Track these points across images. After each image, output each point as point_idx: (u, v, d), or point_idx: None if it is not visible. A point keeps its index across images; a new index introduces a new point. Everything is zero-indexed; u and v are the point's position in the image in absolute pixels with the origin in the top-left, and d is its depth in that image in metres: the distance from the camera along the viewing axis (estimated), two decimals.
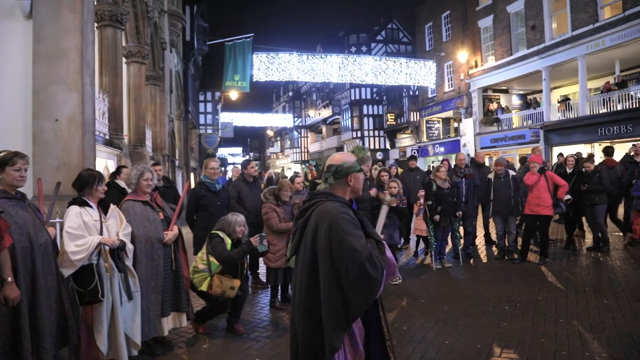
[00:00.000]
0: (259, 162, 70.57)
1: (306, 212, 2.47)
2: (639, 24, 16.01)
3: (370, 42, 36.23)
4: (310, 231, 2.38)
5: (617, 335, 4.45)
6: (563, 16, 19.70)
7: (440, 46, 27.46)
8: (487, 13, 23.91)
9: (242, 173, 7.04)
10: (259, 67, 21.23)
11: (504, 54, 22.95)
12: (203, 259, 4.76)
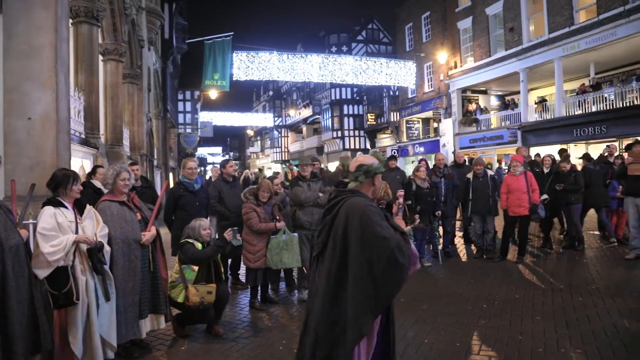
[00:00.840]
0: (239, 161, 70.18)
1: (334, 208, 2.61)
2: (612, 28, 16.37)
3: (351, 42, 36.32)
4: (340, 225, 2.51)
5: (591, 331, 4.54)
6: (540, 19, 20.04)
7: (420, 47, 27.67)
8: (466, 15, 24.19)
9: (222, 173, 6.98)
10: (239, 66, 21.10)
11: (482, 55, 23.24)
12: (176, 270, 4.70)
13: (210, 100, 29.16)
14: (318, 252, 2.67)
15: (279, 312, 5.63)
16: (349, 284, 2.43)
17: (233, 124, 47.09)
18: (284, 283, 6.84)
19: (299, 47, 39.69)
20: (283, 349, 4.43)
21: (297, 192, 5.98)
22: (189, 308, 4.55)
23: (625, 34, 16.02)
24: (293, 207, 6.08)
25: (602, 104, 17.65)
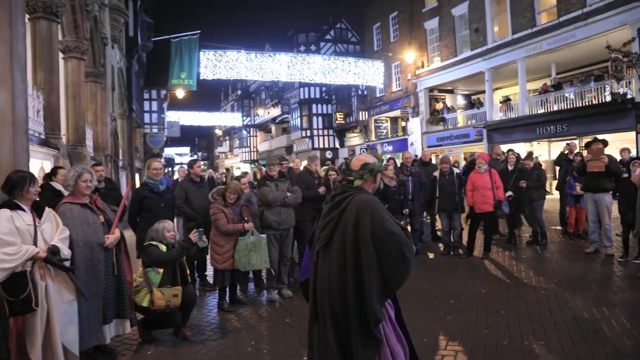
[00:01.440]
0: (208, 161, 69.35)
1: (341, 204, 2.74)
2: (572, 30, 16.92)
3: (319, 41, 36.39)
4: (350, 220, 2.64)
5: (552, 323, 4.68)
6: (504, 20, 20.52)
7: (388, 46, 27.93)
8: (433, 15, 24.55)
9: (189, 173, 6.87)
10: (206, 65, 20.85)
11: (449, 55, 23.63)
12: (140, 274, 4.59)
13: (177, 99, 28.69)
14: (322, 245, 2.77)
15: (248, 313, 5.58)
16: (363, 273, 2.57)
17: (201, 123, 46.48)
18: (253, 284, 6.79)
19: (267, 46, 39.52)
20: (252, 349, 4.40)
21: (264, 192, 5.94)
22: (155, 312, 4.45)
23: (584, 36, 16.59)
24: (261, 207, 6.03)
25: (563, 103, 18.23)
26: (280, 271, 6.14)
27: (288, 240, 6.20)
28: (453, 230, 8.34)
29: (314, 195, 6.70)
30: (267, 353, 4.32)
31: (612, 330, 4.44)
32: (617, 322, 4.65)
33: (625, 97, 15.15)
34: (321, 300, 2.76)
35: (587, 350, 4.00)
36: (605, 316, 4.83)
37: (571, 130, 17.46)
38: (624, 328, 4.48)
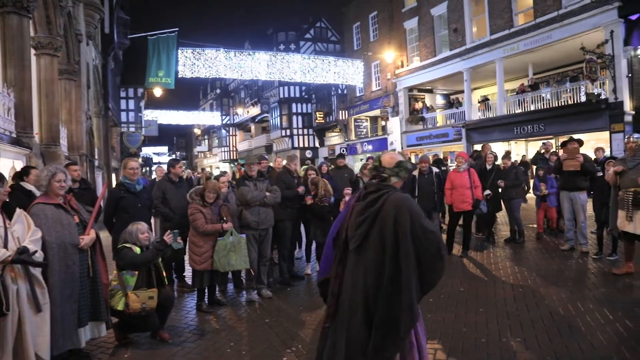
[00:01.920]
0: (186, 161, 68.66)
1: (377, 202, 2.73)
2: (548, 31, 17.23)
3: (299, 40, 36.33)
4: (389, 217, 2.64)
5: (530, 320, 4.74)
6: (482, 21, 20.78)
7: (368, 46, 28.02)
8: (412, 15, 24.71)
9: (169, 172, 6.77)
10: (185, 63, 20.60)
11: (428, 55, 23.82)
12: (115, 277, 4.50)
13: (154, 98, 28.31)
14: (358, 244, 2.73)
15: (227, 314, 5.52)
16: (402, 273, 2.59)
17: (179, 122, 45.95)
18: (232, 284, 6.73)
19: (247, 44, 39.28)
20: (231, 351, 4.35)
21: (243, 192, 5.88)
22: (131, 315, 4.36)
23: (560, 37, 16.91)
24: (240, 207, 5.98)
25: (540, 104, 18.55)
26: (260, 271, 6.10)
27: (267, 240, 6.16)
28: None
29: (293, 195, 6.68)
30: (246, 354, 4.28)
31: (586, 326, 4.52)
32: (591, 317, 4.73)
33: (600, 97, 15.48)
34: (350, 299, 2.73)
35: (562, 346, 4.06)
36: (580, 312, 4.92)
37: (548, 129, 17.77)
38: (598, 323, 4.56)
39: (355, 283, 2.72)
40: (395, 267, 2.61)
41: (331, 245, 3.04)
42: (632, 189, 6.00)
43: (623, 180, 6.17)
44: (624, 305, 5.06)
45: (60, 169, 4.06)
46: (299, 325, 4.98)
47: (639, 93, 15.66)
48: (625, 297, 5.39)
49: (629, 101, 15.36)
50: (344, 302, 2.75)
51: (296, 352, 4.25)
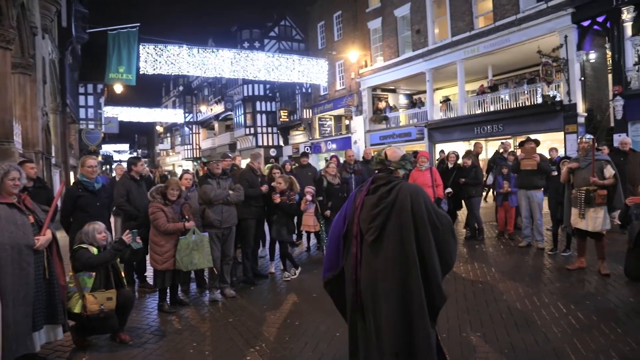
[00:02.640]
0: (148, 159, 67.16)
1: (390, 193, 2.90)
2: (506, 35, 17.74)
3: (264, 38, 36.08)
4: (406, 206, 2.82)
5: (489, 315, 4.88)
6: (444, 23, 21.19)
7: (332, 45, 28.13)
8: (376, 15, 24.94)
9: (129, 171, 6.60)
10: (146, 59, 20.13)
11: (391, 55, 24.11)
12: (71, 280, 4.35)
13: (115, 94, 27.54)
14: (376, 235, 2.86)
15: (190, 314, 5.45)
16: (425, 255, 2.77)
17: (141, 119, 44.85)
18: (195, 284, 6.64)
19: (210, 41, 38.74)
20: (193, 351, 4.30)
21: (205, 190, 5.81)
22: (88, 318, 4.23)
23: (518, 41, 17.44)
24: (202, 206, 5.90)
25: (499, 104, 19.08)
26: (223, 270, 6.04)
27: (230, 239, 6.11)
28: None
29: (256, 194, 6.64)
30: (209, 354, 4.23)
31: (542, 319, 4.70)
32: (546, 311, 4.91)
33: (555, 99, 16.04)
34: (372, 289, 2.87)
35: (519, 339, 4.20)
36: (536, 306, 5.10)
37: (506, 130, 18.28)
38: (553, 317, 4.74)
39: (376, 272, 2.86)
40: (418, 254, 2.78)
41: (335, 243, 3.18)
42: (584, 187, 6.27)
43: (576, 179, 6.43)
44: (577, 299, 5.28)
45: (14, 167, 3.91)
46: (263, 324, 4.96)
47: (590, 96, 16.35)
48: (578, 291, 5.62)
49: (581, 103, 16.00)
50: (366, 290, 2.90)
51: (260, 351, 4.23)
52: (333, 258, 3.19)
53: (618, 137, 12.81)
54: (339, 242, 3.15)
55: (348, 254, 3.06)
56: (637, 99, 14.25)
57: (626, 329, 4.35)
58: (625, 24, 14.46)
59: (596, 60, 16.45)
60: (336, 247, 3.17)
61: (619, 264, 6.31)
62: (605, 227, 6.23)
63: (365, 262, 2.92)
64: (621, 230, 8.20)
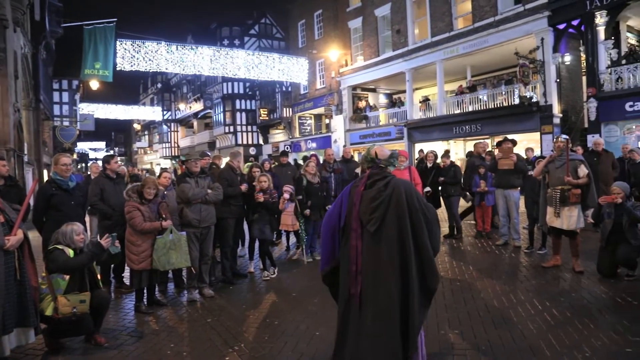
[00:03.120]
0: (125, 157, 66.18)
1: (387, 187, 3.22)
2: (485, 36, 17.98)
3: (244, 36, 35.85)
4: (402, 197, 3.14)
5: (466, 312, 4.93)
6: (424, 23, 21.35)
7: (313, 44, 28.10)
8: (357, 15, 25.00)
9: (105, 169, 6.48)
10: (124, 55, 19.77)
11: (372, 54, 24.20)
12: (43, 282, 4.22)
13: (91, 91, 27.01)
14: (377, 225, 3.13)
15: (167, 315, 5.38)
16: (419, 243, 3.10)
17: (118, 117, 44.12)
18: (173, 284, 6.56)
19: (190, 38, 38.34)
20: (171, 352, 4.24)
21: (184, 189, 5.74)
22: (60, 321, 4.12)
23: (496, 42, 17.69)
24: (180, 205, 5.83)
25: (477, 105, 19.32)
26: (201, 270, 5.98)
27: (209, 238, 6.05)
28: None
29: (235, 193, 6.59)
30: (187, 355, 4.18)
31: (518, 316, 4.76)
32: (522, 308, 4.99)
33: (532, 100, 16.32)
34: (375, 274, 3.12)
35: (496, 336, 4.25)
36: (513, 303, 5.17)
37: (484, 130, 18.53)
38: (529, 314, 4.82)
39: (378, 261, 3.12)
40: (413, 239, 3.10)
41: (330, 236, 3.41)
42: (559, 187, 6.39)
43: (551, 178, 6.55)
44: (552, 296, 5.38)
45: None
46: (242, 324, 4.92)
47: (565, 97, 16.68)
48: (553, 288, 5.72)
49: (557, 104, 16.31)
50: (367, 277, 3.14)
51: (239, 351, 4.20)
52: (329, 251, 3.43)
53: (592, 137, 13.09)
54: (335, 235, 3.39)
55: (346, 246, 3.27)
56: (610, 101, 14.60)
57: (598, 324, 4.45)
58: (598, 28, 14.79)
59: (571, 62, 16.79)
60: (331, 240, 3.41)
61: (592, 262, 6.44)
62: (579, 225, 6.36)
63: (366, 252, 3.16)
64: (594, 228, 8.38)
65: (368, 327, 3.08)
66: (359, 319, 3.14)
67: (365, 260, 3.15)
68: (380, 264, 3.11)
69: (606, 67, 14.77)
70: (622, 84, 14.49)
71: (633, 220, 5.84)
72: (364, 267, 3.15)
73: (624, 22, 15.87)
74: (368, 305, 3.12)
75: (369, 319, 3.09)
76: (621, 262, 5.93)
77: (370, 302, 3.11)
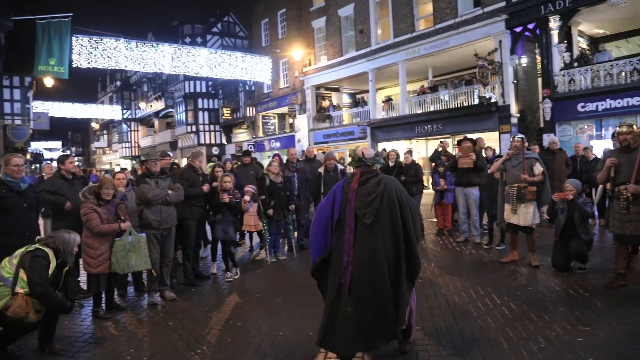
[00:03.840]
0: (83, 157, 64.21)
1: (380, 184, 3.64)
2: (445, 37, 18.33)
3: (206, 34, 35.29)
4: (393, 192, 3.61)
5: (428, 308, 5.02)
6: (386, 24, 21.57)
7: (276, 43, 27.97)
8: (321, 14, 25.03)
9: (59, 169, 6.24)
10: (80, 51, 19.14)
11: (335, 54, 24.28)
12: (8, 270, 3.96)
13: (45, 88, 25.99)
14: (372, 218, 3.51)
15: (127, 319, 5.24)
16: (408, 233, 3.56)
17: (74, 115, 42.59)
18: (133, 287, 6.40)
19: (150, 35, 37.42)
20: (131, 358, 4.14)
21: (143, 190, 5.60)
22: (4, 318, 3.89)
23: (456, 44, 18.06)
24: (140, 206, 5.68)
25: (439, 105, 19.68)
26: (162, 272, 5.86)
27: (170, 240, 5.93)
28: None
29: (197, 193, 6.49)
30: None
31: (478, 310, 4.89)
32: (482, 303, 5.12)
33: (490, 101, 16.74)
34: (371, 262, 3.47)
35: (457, 331, 4.35)
36: (473, 298, 5.30)
37: (446, 129, 18.88)
38: (488, 308, 4.95)
39: (373, 249, 3.48)
40: (403, 230, 3.54)
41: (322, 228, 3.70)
42: (515, 184, 6.59)
43: (508, 176, 6.75)
44: (509, 290, 5.54)
45: None
46: (205, 327, 4.85)
47: (522, 98, 17.20)
48: (510, 283, 5.90)
49: (514, 105, 16.81)
50: (359, 266, 3.46)
51: (201, 354, 4.13)
52: (322, 243, 3.71)
53: (547, 137, 13.55)
54: (327, 229, 3.70)
55: (340, 238, 3.58)
56: (563, 102, 15.16)
57: (553, 316, 4.62)
58: (552, 32, 15.33)
59: (527, 64, 17.32)
60: (324, 234, 3.71)
61: (548, 256, 6.68)
62: (535, 221, 6.58)
63: (359, 243, 3.51)
64: (549, 224, 8.70)
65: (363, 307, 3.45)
66: (348, 304, 3.46)
67: (358, 251, 3.49)
68: (375, 252, 3.48)
69: (560, 69, 15.33)
70: (574, 86, 15.06)
71: (583, 216, 6.08)
72: (356, 257, 3.48)
73: (575, 27, 16.49)
74: (361, 290, 3.46)
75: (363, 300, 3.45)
76: (573, 257, 6.17)
77: (363, 287, 3.46)
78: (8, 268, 3.99)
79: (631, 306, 4.80)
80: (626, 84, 13.84)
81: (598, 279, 5.83)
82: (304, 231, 8.92)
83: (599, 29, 17.26)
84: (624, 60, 14.23)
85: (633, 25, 16.46)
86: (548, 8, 15.10)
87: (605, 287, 5.44)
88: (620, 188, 5.22)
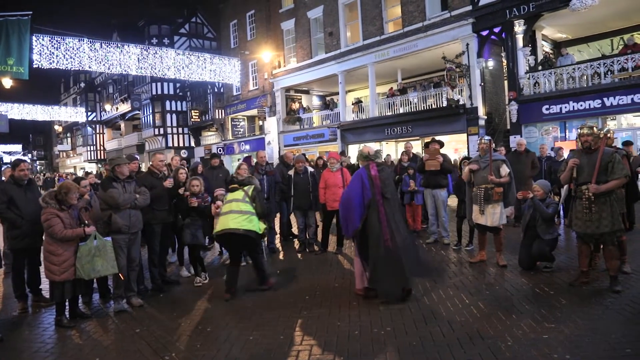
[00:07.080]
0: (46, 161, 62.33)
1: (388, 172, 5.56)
2: (414, 40, 18.57)
3: (173, 34, 34.72)
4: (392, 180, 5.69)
5: (398, 310, 5.03)
6: (355, 26, 21.70)
7: (245, 45, 27.78)
8: (290, 16, 24.99)
9: (13, 175, 5.97)
10: (41, 51, 18.61)
11: (304, 56, 24.28)
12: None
13: (4, 89, 25.06)
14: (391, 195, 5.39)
15: (92, 327, 5.08)
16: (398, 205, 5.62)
17: (36, 117, 41.33)
18: (98, 294, 6.22)
19: (115, 35, 36.65)
20: None
21: (113, 195, 5.43)
22: None
23: (424, 47, 18.32)
24: (107, 211, 5.52)
25: (408, 107, 19.91)
26: (130, 277, 5.70)
27: (137, 244, 5.78)
28: (308, 227, 8.55)
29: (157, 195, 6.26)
30: None
31: (447, 311, 4.94)
32: (451, 303, 5.18)
33: (458, 103, 17.04)
34: (397, 227, 5.25)
35: (426, 332, 4.38)
36: (442, 299, 5.36)
37: (415, 131, 19.12)
38: (457, 308, 5.01)
39: (393, 214, 5.27)
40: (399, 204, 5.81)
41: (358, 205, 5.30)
42: (483, 185, 6.71)
43: (476, 178, 6.86)
44: (478, 290, 5.63)
45: None
46: (173, 333, 4.75)
47: (489, 100, 17.58)
48: (479, 282, 5.99)
49: (482, 107, 17.16)
50: (396, 228, 5.21)
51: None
52: (359, 215, 5.27)
53: (514, 138, 13.88)
54: (362, 205, 5.27)
55: (375, 211, 5.22)
56: (529, 104, 15.57)
57: (520, 314, 4.71)
58: (517, 35, 15.74)
59: (494, 67, 17.73)
60: (360, 208, 5.27)
61: (515, 255, 6.82)
62: (502, 221, 6.71)
63: (387, 212, 5.23)
64: (515, 222, 8.91)
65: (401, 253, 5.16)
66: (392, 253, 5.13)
67: (389, 217, 5.21)
68: (395, 217, 5.29)
69: (525, 72, 15.74)
70: (539, 89, 15.50)
71: (543, 217, 6.24)
72: (389, 220, 5.20)
73: (539, 31, 16.98)
74: (396, 243, 5.16)
75: (390, 250, 5.14)
76: (536, 257, 6.32)
77: (396, 241, 5.16)
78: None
79: (594, 303, 4.94)
80: (588, 87, 14.32)
81: (563, 277, 5.99)
82: (274, 234, 8.86)
83: (562, 34, 17.81)
84: (585, 64, 14.73)
85: (593, 30, 17.07)
86: (513, 12, 15.48)
87: (569, 284, 5.60)
88: (582, 188, 5.37)
